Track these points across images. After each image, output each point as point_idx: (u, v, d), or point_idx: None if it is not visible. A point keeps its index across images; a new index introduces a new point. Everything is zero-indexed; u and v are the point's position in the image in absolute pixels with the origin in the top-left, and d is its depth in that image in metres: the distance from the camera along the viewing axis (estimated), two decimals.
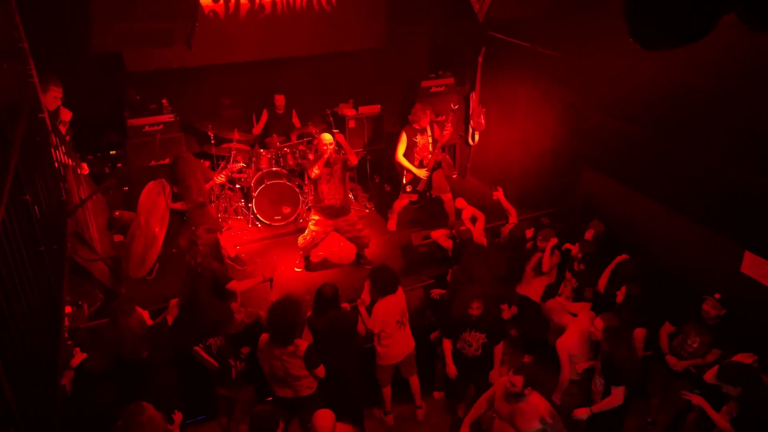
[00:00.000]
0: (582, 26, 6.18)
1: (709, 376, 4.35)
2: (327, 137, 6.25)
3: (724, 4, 1.65)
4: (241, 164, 7.21)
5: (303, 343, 4.53)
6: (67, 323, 4.43)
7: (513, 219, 6.31)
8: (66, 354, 4.01)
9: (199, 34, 5.88)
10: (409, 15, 8.43)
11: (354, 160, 6.29)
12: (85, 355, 4.26)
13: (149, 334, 4.50)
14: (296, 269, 6.83)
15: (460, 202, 6.49)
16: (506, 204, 6.38)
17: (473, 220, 6.18)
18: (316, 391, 4.69)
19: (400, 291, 5.16)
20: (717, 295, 4.84)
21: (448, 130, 6.84)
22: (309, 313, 4.92)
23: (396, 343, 5.16)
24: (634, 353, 4.87)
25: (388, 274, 5.09)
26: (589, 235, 5.91)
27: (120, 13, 5.24)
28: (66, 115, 5.63)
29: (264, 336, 4.58)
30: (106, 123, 7.24)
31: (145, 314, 4.65)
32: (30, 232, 3.19)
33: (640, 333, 5.03)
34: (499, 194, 6.44)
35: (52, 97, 5.32)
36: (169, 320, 4.73)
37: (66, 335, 4.24)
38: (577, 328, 5.09)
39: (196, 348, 4.65)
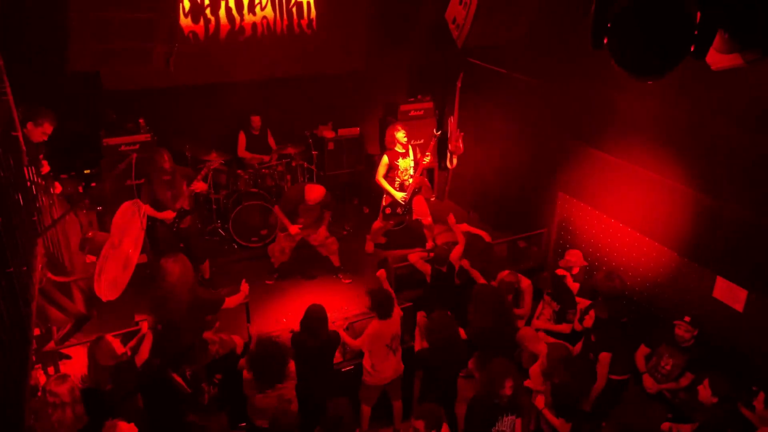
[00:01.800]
0: (558, 53, 6.32)
1: (705, 395, 4.37)
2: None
3: (681, 50, 1.69)
4: (220, 162, 7.04)
5: (291, 363, 4.58)
6: (35, 346, 4.31)
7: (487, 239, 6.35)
8: (34, 378, 3.89)
9: (179, 55, 5.86)
10: (389, 40, 8.53)
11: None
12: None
13: (116, 367, 4.37)
14: (267, 282, 6.84)
15: (451, 218, 6.51)
16: (475, 230, 6.44)
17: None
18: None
19: (395, 315, 5.14)
20: (687, 318, 4.92)
21: (428, 155, 6.90)
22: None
23: (385, 366, 5.14)
24: (585, 384, 4.87)
25: (387, 298, 5.08)
26: (564, 263, 5.99)
27: (98, 31, 5.20)
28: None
29: (248, 375, 4.52)
30: (81, 142, 7.14)
31: (116, 342, 4.52)
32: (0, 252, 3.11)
33: (605, 357, 5.06)
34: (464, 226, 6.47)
35: (41, 132, 5.26)
36: (144, 354, 4.61)
37: (34, 359, 4.12)
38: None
39: (173, 374, 4.54)
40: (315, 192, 6.40)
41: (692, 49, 1.61)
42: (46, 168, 5.37)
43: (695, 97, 4.89)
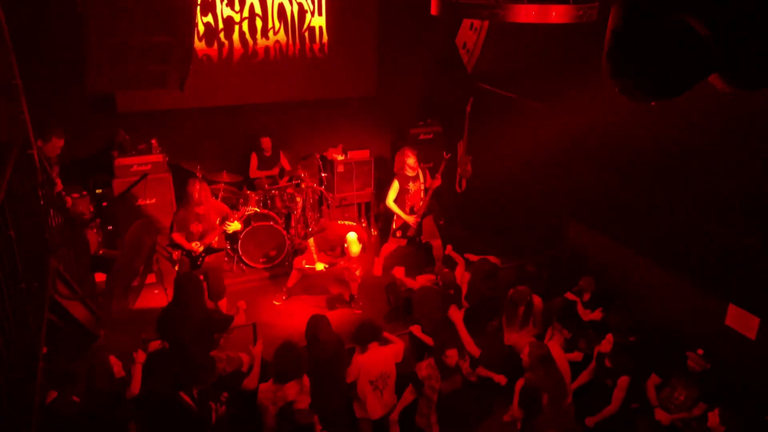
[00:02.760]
0: (568, 79, 6.36)
1: (713, 422, 4.35)
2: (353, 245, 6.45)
3: (699, 72, 1.70)
4: (254, 209, 6.98)
5: (306, 379, 4.55)
6: (42, 364, 4.31)
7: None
8: (42, 395, 3.88)
9: (192, 77, 5.95)
10: (400, 64, 8.63)
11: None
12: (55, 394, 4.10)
13: (108, 394, 4.33)
14: (275, 302, 6.86)
15: (448, 249, 6.56)
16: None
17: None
18: None
19: (387, 353, 4.98)
20: (700, 351, 4.86)
21: (438, 179, 6.98)
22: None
23: (369, 404, 4.93)
24: (562, 386, 4.85)
25: (370, 330, 4.96)
26: (576, 289, 5.96)
27: (116, 56, 5.30)
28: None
29: (265, 386, 4.52)
30: (93, 162, 7.23)
31: (118, 365, 4.48)
32: (12, 268, 3.13)
33: (623, 381, 5.01)
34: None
35: (52, 147, 5.37)
36: (135, 387, 4.55)
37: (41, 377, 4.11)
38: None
39: (181, 393, 4.51)
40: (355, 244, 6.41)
41: (705, 71, 1.63)
42: (59, 186, 5.44)
43: (705, 122, 4.90)
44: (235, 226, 6.03)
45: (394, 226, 7.18)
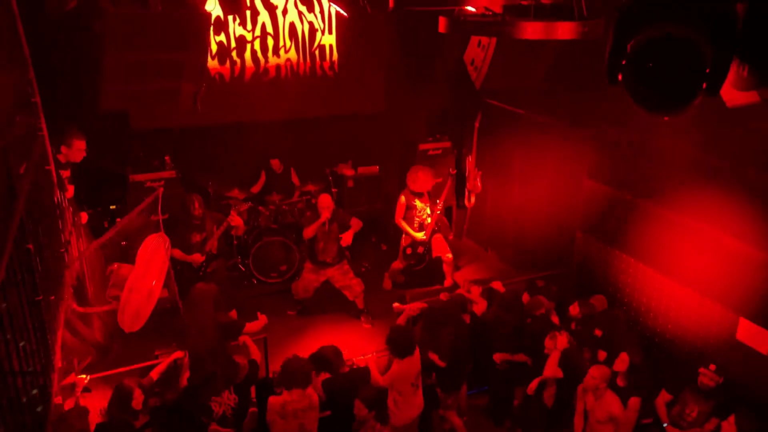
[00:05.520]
0: (575, 95, 6.41)
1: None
2: (325, 199, 6.39)
3: (693, 88, 1.74)
4: (247, 205, 6.94)
5: (314, 395, 4.61)
6: (58, 377, 4.36)
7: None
8: (56, 410, 3.93)
9: (205, 95, 6.05)
10: (409, 81, 8.71)
11: (355, 227, 6.64)
12: None
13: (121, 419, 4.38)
14: (288, 312, 6.97)
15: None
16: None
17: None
18: None
19: (416, 353, 5.11)
20: (712, 366, 4.82)
21: (439, 206, 7.08)
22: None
23: (409, 405, 5.06)
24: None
25: (406, 337, 5.10)
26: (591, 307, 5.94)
27: (131, 72, 5.41)
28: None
29: (274, 400, 4.56)
30: (108, 178, 7.34)
31: (139, 398, 4.47)
32: (30, 281, 3.20)
33: (635, 402, 4.97)
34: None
35: (77, 150, 5.45)
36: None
37: (57, 389, 4.16)
38: None
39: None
40: None
41: (704, 86, 1.66)
42: (70, 192, 5.51)
43: (717, 135, 4.92)
44: (237, 220, 6.20)
45: (403, 244, 7.21)
